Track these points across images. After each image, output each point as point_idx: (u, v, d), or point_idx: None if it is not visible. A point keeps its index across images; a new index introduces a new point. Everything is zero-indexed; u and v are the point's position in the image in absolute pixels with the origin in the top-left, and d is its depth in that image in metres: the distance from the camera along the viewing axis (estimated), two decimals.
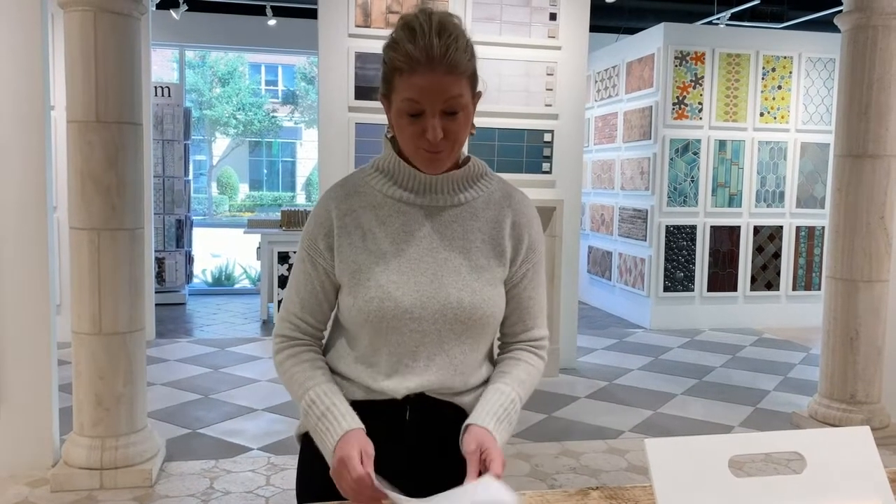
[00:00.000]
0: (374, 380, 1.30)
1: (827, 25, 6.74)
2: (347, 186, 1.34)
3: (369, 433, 1.24)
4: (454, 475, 1.21)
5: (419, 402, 1.31)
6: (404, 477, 1.23)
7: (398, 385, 1.29)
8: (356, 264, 1.28)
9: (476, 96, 1.28)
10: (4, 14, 3.23)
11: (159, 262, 7.52)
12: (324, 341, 1.40)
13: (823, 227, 7.06)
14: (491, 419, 1.26)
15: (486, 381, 1.37)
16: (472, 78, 1.26)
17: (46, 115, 3.36)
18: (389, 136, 1.34)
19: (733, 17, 7.76)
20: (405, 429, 1.32)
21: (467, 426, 1.26)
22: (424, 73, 1.18)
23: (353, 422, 1.24)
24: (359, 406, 1.28)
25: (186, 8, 7.61)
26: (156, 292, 6.52)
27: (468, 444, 1.22)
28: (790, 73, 7.04)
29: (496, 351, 1.45)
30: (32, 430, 3.38)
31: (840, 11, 4.10)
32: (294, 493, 1.46)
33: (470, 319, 1.28)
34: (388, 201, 1.31)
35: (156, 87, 7.36)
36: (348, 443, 1.19)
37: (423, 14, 1.21)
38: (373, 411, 1.28)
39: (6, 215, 3.30)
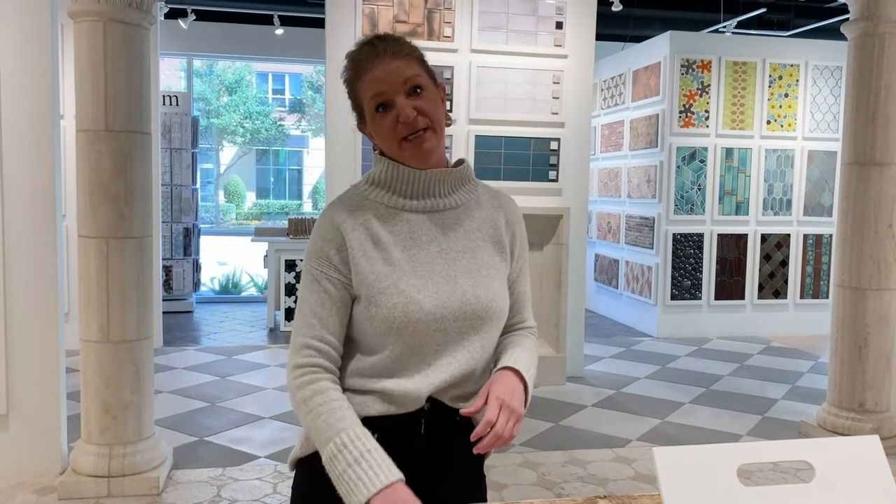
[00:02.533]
0: (397, 384, 1.30)
1: (833, 33, 6.74)
2: (347, 203, 1.36)
3: (384, 446, 1.22)
4: (467, 484, 1.34)
5: (433, 413, 1.32)
6: (417, 487, 1.23)
7: (421, 384, 1.30)
8: (374, 275, 1.29)
9: (440, 88, 1.34)
10: (15, 24, 3.26)
11: (167, 270, 7.54)
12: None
13: (831, 235, 7.04)
14: (517, 362, 1.35)
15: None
16: (424, 64, 1.33)
17: (55, 123, 3.38)
18: (377, 151, 1.38)
19: (740, 25, 7.76)
20: (420, 441, 1.33)
21: (498, 371, 1.33)
22: (375, 65, 1.29)
23: (391, 472, 1.17)
24: (373, 421, 1.28)
25: (195, 17, 7.66)
26: (163, 300, 6.55)
27: (488, 383, 1.30)
28: (797, 80, 7.03)
29: None
30: (41, 437, 3.39)
31: (847, 20, 4.10)
32: None
33: (487, 313, 1.33)
34: (391, 211, 1.34)
35: (164, 96, 7.41)
36: (396, 495, 1.14)
37: (363, 37, 1.35)
38: (387, 425, 1.30)
39: (15, 223, 3.32)
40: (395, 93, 1.28)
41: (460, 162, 1.41)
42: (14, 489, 3.28)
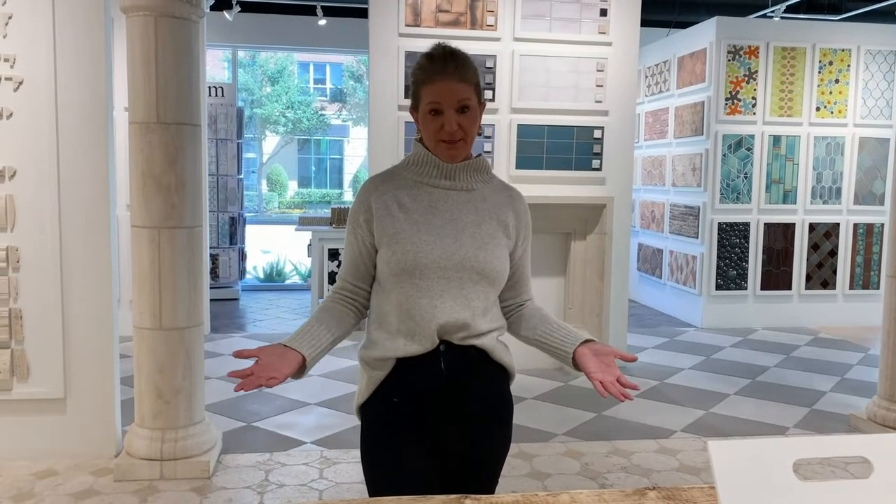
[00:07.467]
0: (413, 320, 1.63)
1: (887, 16, 6.55)
2: (385, 175, 1.76)
3: (414, 380, 1.65)
4: (483, 407, 1.69)
5: (449, 351, 1.66)
6: (444, 411, 1.66)
7: (431, 320, 1.63)
8: (394, 228, 1.66)
9: (482, 105, 1.70)
10: (70, 20, 3.35)
11: (213, 259, 7.68)
12: (364, 297, 1.76)
13: (883, 225, 6.87)
14: (582, 334, 1.69)
15: (491, 330, 1.71)
16: (478, 88, 1.68)
17: (109, 116, 3.47)
18: (418, 138, 1.74)
19: (788, 9, 7.58)
20: (442, 377, 1.67)
21: (574, 352, 1.65)
22: (441, 81, 1.62)
23: (290, 342, 1.63)
24: (403, 362, 1.65)
25: (239, 9, 7.75)
26: (210, 288, 6.67)
27: (587, 361, 1.61)
28: (848, 66, 6.85)
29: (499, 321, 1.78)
30: (96, 420, 3.50)
31: None
32: (346, 487, 1.58)
33: (484, 270, 1.66)
34: (419, 185, 1.71)
35: (210, 87, 7.52)
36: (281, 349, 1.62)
37: (438, 47, 1.67)
38: (415, 363, 1.65)
39: (72, 214, 3.42)
40: (448, 106, 1.63)
41: (478, 156, 1.76)
42: (72, 470, 3.39)
